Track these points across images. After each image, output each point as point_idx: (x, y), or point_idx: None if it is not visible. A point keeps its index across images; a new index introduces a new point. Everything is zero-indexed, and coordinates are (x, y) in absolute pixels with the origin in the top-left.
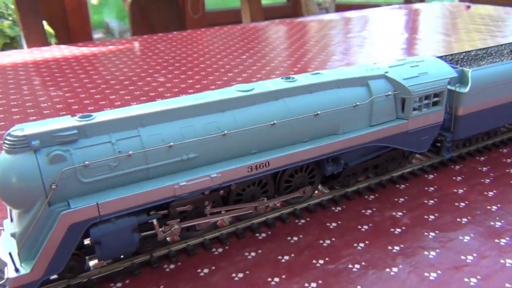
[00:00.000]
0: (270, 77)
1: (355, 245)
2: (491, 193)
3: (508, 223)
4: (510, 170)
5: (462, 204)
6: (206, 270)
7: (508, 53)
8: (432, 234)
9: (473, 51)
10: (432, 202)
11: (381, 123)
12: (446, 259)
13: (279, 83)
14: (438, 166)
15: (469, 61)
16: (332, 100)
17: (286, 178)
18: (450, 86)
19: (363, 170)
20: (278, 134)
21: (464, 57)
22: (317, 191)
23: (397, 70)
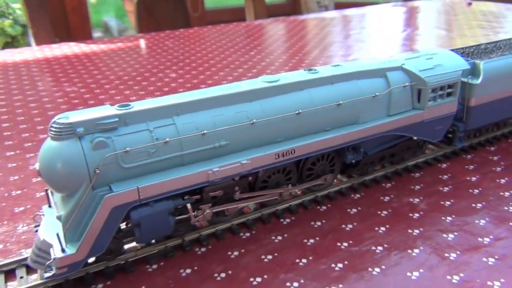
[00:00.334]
0: (279, 72)
1: (376, 229)
2: (503, 180)
3: None
4: None
5: (476, 190)
6: (236, 253)
7: None
8: (449, 218)
9: (482, 45)
10: (447, 189)
11: (398, 113)
12: (464, 241)
13: (303, 75)
14: (450, 155)
15: (479, 54)
16: (352, 90)
17: (308, 166)
18: (463, 78)
19: (381, 158)
20: (302, 123)
21: (474, 50)
22: (336, 180)
23: (413, 62)
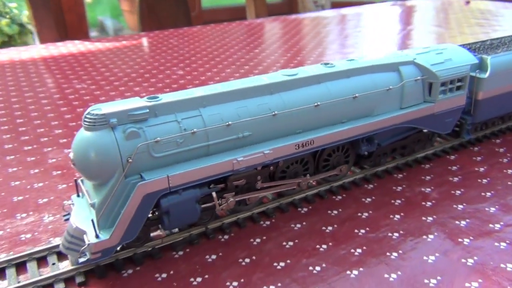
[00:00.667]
0: (285, 67)
1: (391, 216)
2: (510, 171)
3: None
4: None
5: (485, 180)
6: (258, 240)
7: None
8: (460, 206)
9: (488, 41)
10: (456, 179)
11: (410, 106)
12: (476, 227)
13: (320, 68)
14: (458, 147)
15: (485, 49)
16: (367, 84)
17: (324, 157)
18: (471, 72)
19: (392, 150)
20: (320, 115)
21: (480, 46)
22: (349, 171)
23: (424, 56)
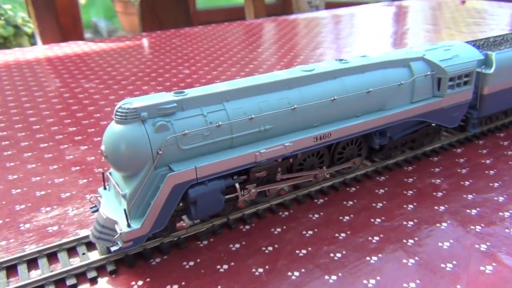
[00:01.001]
0: (289, 67)
1: (405, 206)
2: None
3: None
4: None
5: (492, 172)
6: (278, 229)
7: None
8: (470, 196)
9: (491, 38)
10: (464, 171)
11: (420, 100)
12: (486, 215)
13: (336, 64)
14: (464, 141)
15: (489, 46)
16: (380, 79)
17: (339, 150)
18: (477, 68)
19: (403, 144)
20: (337, 109)
21: (484, 42)
22: (361, 164)
23: (433, 53)
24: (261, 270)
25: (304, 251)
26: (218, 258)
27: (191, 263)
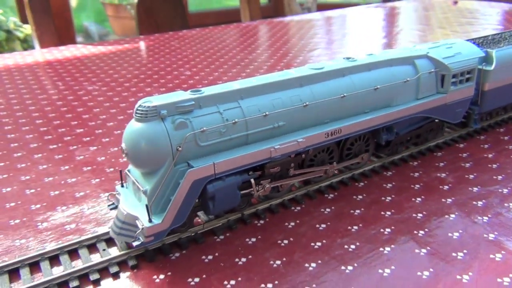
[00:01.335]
0: (289, 67)
1: (413, 199)
2: None
3: None
4: None
5: (495, 165)
6: (292, 223)
7: None
8: (475, 189)
9: (489, 36)
10: (468, 165)
11: (425, 97)
12: (492, 206)
13: (344, 62)
14: (466, 136)
15: (488, 43)
16: (387, 76)
17: (347, 146)
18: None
19: (408, 139)
20: (346, 105)
21: (483, 40)
22: (369, 159)
23: (436, 50)
24: (278, 262)
25: (319, 244)
26: (235, 251)
27: (210, 257)
